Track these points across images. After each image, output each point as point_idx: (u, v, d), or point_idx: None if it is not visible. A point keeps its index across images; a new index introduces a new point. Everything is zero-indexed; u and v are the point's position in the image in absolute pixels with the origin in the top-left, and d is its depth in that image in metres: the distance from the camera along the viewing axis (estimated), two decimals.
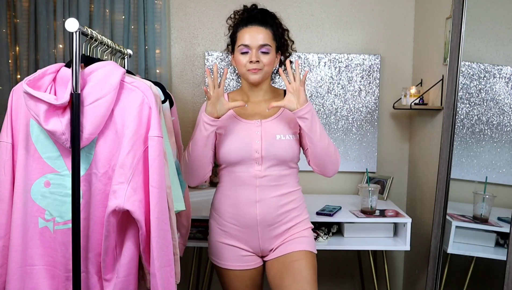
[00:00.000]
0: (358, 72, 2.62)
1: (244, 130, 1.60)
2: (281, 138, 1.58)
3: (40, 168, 1.33)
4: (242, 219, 1.61)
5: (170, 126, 1.64)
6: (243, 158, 1.57)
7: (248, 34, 1.58)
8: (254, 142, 1.57)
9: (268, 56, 1.57)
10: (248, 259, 1.66)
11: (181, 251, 1.80)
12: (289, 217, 1.63)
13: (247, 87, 1.66)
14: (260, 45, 1.56)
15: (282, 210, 1.61)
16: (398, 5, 2.62)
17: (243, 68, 1.59)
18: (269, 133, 1.58)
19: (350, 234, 2.20)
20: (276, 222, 1.61)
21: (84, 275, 1.36)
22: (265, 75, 1.60)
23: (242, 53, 1.58)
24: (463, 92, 1.97)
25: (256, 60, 1.55)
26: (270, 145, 1.57)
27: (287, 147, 1.58)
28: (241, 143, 1.58)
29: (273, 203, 1.60)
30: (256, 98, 1.66)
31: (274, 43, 1.61)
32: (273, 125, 1.60)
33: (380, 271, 2.52)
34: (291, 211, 1.63)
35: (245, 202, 1.60)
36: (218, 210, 1.68)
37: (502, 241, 1.83)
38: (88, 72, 1.31)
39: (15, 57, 2.50)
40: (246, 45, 1.57)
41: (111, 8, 2.50)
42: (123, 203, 1.26)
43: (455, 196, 1.99)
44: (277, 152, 1.57)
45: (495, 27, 1.93)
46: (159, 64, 2.54)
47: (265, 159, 1.57)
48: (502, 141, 1.87)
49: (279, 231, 1.62)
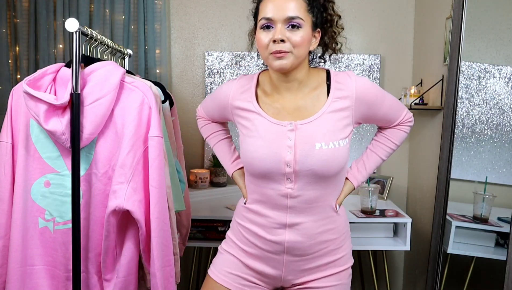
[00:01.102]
0: (358, 72, 2.62)
1: (272, 134, 1.21)
2: (322, 147, 1.17)
3: (40, 168, 1.33)
4: (266, 242, 1.26)
5: (170, 126, 1.64)
6: (269, 171, 1.20)
7: (271, 4, 1.14)
8: (285, 152, 1.18)
9: (299, 33, 1.14)
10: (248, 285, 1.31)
11: (181, 251, 1.80)
12: (326, 249, 1.28)
13: (275, 76, 1.23)
14: (288, 17, 1.13)
15: (318, 239, 1.26)
16: (398, 5, 2.62)
17: (265, 50, 1.16)
18: (306, 141, 1.18)
19: (350, 234, 2.19)
20: (308, 254, 1.26)
21: (84, 275, 1.36)
22: (296, 60, 1.16)
23: (263, 29, 1.16)
24: (463, 92, 1.97)
25: (281, 39, 1.12)
26: (306, 157, 1.17)
27: (331, 159, 1.18)
28: (268, 151, 1.19)
29: (308, 230, 1.24)
30: (288, 90, 1.23)
31: (309, 16, 1.16)
32: (312, 130, 1.19)
33: (380, 271, 2.52)
34: (330, 242, 1.28)
35: (272, 223, 1.25)
36: (239, 223, 1.33)
37: (502, 241, 1.83)
38: (88, 72, 1.31)
39: (15, 57, 2.50)
40: (269, 18, 1.14)
41: (111, 8, 2.50)
42: (123, 203, 1.26)
43: (455, 196, 1.99)
44: (316, 167, 1.18)
45: (495, 27, 1.93)
46: (159, 64, 2.54)
47: (299, 175, 1.19)
48: (502, 141, 1.87)
49: (311, 266, 1.28)
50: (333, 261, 1.30)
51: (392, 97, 1.32)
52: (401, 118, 1.34)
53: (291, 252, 1.25)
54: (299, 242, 1.24)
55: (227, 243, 1.36)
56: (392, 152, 1.39)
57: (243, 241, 1.31)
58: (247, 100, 1.27)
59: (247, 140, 1.24)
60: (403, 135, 1.37)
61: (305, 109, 1.22)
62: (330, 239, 1.28)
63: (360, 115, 1.24)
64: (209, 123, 1.50)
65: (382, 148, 1.38)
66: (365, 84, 1.23)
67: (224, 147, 1.47)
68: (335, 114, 1.20)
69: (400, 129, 1.36)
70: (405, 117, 1.35)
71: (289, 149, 1.18)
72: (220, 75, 2.62)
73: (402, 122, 1.35)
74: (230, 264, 1.32)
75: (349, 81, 1.21)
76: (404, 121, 1.35)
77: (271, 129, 1.21)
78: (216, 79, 2.62)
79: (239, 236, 1.33)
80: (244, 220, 1.31)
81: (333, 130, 1.19)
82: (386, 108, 1.29)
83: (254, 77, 1.30)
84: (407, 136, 1.39)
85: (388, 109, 1.30)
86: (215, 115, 1.44)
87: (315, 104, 1.22)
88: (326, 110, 1.20)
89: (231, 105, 1.31)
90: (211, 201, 2.40)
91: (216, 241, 2.12)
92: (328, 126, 1.19)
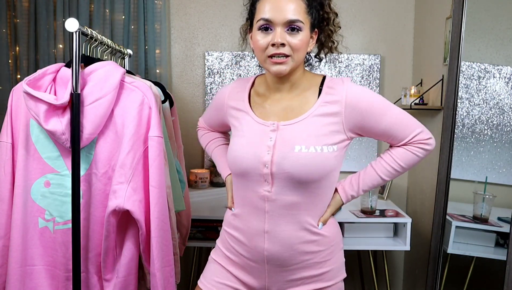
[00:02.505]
0: (358, 72, 2.62)
1: (255, 133, 1.18)
2: (301, 150, 1.11)
3: (40, 168, 1.33)
4: (248, 250, 1.21)
5: (170, 126, 1.64)
6: (248, 171, 1.16)
7: (271, 4, 1.10)
8: (264, 153, 1.14)
9: (299, 36, 1.10)
10: None
11: (181, 251, 1.80)
12: (309, 261, 1.19)
13: (270, 78, 1.20)
14: (288, 21, 1.09)
15: (300, 250, 1.17)
16: (398, 5, 2.62)
17: (262, 53, 1.13)
18: (286, 142, 1.13)
19: (350, 234, 2.19)
20: (290, 265, 1.18)
21: (84, 275, 1.36)
22: (295, 64, 1.13)
23: (261, 30, 1.12)
24: (463, 92, 1.97)
25: (281, 43, 1.09)
26: (283, 159, 1.12)
27: (311, 163, 1.11)
28: (248, 150, 1.17)
29: (287, 240, 1.16)
30: (279, 91, 1.21)
31: (308, 18, 1.13)
32: (294, 131, 1.14)
33: (380, 271, 2.51)
34: (313, 254, 1.19)
35: (252, 230, 1.20)
36: (225, 229, 1.31)
37: (502, 241, 1.83)
38: (88, 72, 1.31)
39: (15, 57, 2.50)
40: (268, 20, 1.09)
41: (111, 8, 2.50)
42: (123, 203, 1.26)
43: (455, 196, 1.99)
44: (292, 170, 1.11)
45: (495, 27, 1.93)
46: (159, 64, 2.54)
47: (276, 178, 1.14)
48: (502, 141, 1.87)
49: (294, 277, 1.20)
50: (319, 275, 1.19)
51: (400, 112, 1.19)
52: (409, 137, 1.18)
53: (271, 262, 1.19)
54: (278, 252, 1.17)
55: (216, 251, 1.33)
56: (396, 173, 1.22)
57: (229, 249, 1.27)
58: (240, 100, 1.26)
59: (233, 139, 1.23)
60: (413, 158, 1.20)
61: (291, 110, 1.18)
62: (313, 251, 1.18)
63: (353, 124, 1.15)
64: (208, 132, 1.49)
65: (384, 166, 1.22)
66: (358, 91, 1.15)
67: (221, 152, 1.44)
68: (321, 118, 1.14)
69: (409, 150, 1.20)
70: (417, 137, 1.19)
71: (268, 149, 1.14)
72: (220, 75, 2.62)
73: (411, 142, 1.19)
74: (218, 273, 1.28)
75: (341, 87, 1.15)
76: (415, 141, 1.19)
77: (255, 129, 1.19)
78: (216, 79, 2.62)
79: (225, 244, 1.29)
80: (229, 227, 1.27)
81: (316, 134, 1.13)
82: (388, 122, 1.16)
83: (251, 79, 1.30)
84: (418, 161, 1.21)
85: (390, 124, 1.17)
86: (214, 122, 1.44)
87: (303, 106, 1.17)
88: (313, 113, 1.15)
89: (226, 105, 1.29)
90: (211, 201, 2.40)
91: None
92: (311, 130, 1.13)
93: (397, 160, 1.21)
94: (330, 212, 1.21)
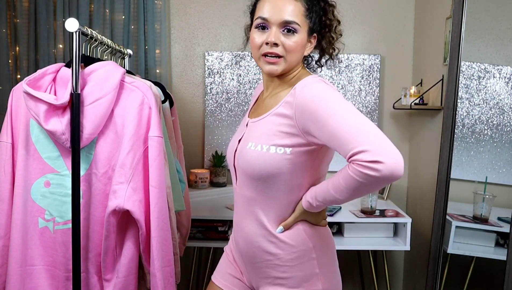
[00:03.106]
0: (358, 72, 2.62)
1: (239, 128, 1.27)
2: (250, 148, 1.12)
3: (40, 168, 1.33)
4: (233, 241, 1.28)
5: (170, 126, 1.64)
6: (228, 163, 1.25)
7: (269, 4, 1.11)
8: (235, 146, 1.21)
9: (293, 38, 1.10)
10: (235, 283, 1.29)
11: (181, 251, 1.80)
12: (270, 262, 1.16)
13: (264, 76, 1.22)
14: (284, 21, 1.09)
15: (261, 247, 1.16)
16: (398, 5, 2.62)
17: (256, 51, 1.14)
18: (246, 138, 1.17)
19: (350, 234, 2.19)
20: (257, 261, 1.18)
21: (84, 275, 1.36)
22: (288, 66, 1.14)
23: (258, 28, 1.13)
24: (463, 92, 1.97)
25: (274, 42, 1.09)
26: (239, 154, 1.17)
27: (255, 161, 1.10)
28: (230, 143, 1.25)
29: (248, 235, 1.17)
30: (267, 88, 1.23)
31: (305, 21, 1.12)
32: (254, 128, 1.17)
33: (380, 271, 2.51)
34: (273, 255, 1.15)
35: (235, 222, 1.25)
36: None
37: (502, 241, 1.83)
38: (88, 72, 1.31)
39: (15, 57, 2.50)
40: (265, 19, 1.11)
41: (111, 8, 2.50)
42: (123, 203, 1.26)
43: (455, 196, 1.99)
44: (243, 165, 1.15)
45: (495, 27, 1.93)
46: (159, 64, 2.54)
47: (237, 171, 1.19)
48: (502, 141, 1.87)
49: (263, 275, 1.18)
50: (283, 278, 1.14)
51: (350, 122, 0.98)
52: (348, 153, 0.96)
53: (244, 256, 1.21)
54: (244, 247, 1.19)
55: (228, 242, 1.36)
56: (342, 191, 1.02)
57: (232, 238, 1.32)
58: (255, 97, 1.33)
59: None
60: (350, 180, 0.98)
61: (265, 107, 1.18)
62: (272, 253, 1.14)
63: (305, 129, 1.05)
64: None
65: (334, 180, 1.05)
66: (308, 95, 1.05)
67: None
68: (276, 118, 1.11)
69: (348, 169, 0.98)
70: (356, 157, 0.94)
71: (237, 143, 1.20)
72: (220, 75, 2.62)
73: (351, 161, 0.96)
74: (223, 263, 1.33)
75: (298, 87, 1.08)
76: (354, 161, 0.95)
77: (241, 124, 1.26)
78: (216, 79, 2.62)
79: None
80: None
81: (268, 133, 1.10)
82: (329, 130, 0.99)
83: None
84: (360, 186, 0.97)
85: (330, 135, 0.99)
86: None
87: (272, 104, 1.16)
88: (272, 112, 1.12)
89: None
90: (211, 201, 2.40)
91: (216, 241, 2.12)
92: (265, 129, 1.12)
93: (340, 178, 1.02)
94: (292, 217, 1.14)
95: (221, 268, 1.32)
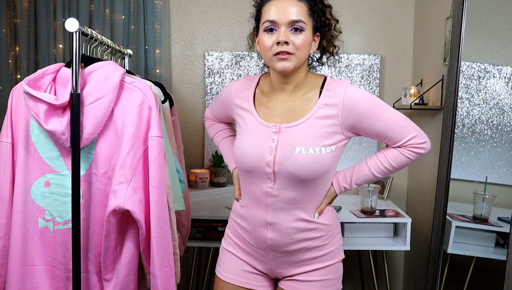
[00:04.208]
0: (358, 72, 2.62)
1: (258, 134, 1.27)
2: (301, 152, 1.20)
3: (40, 168, 1.33)
4: (253, 238, 1.34)
5: (170, 126, 1.64)
6: (253, 169, 1.27)
7: (275, 7, 1.20)
8: (267, 153, 1.24)
9: (301, 36, 1.19)
10: (253, 278, 1.38)
11: (181, 251, 1.80)
12: (309, 246, 1.31)
13: (275, 77, 1.28)
14: (291, 21, 1.18)
15: (299, 237, 1.29)
16: (398, 5, 2.62)
17: (268, 52, 1.21)
18: (288, 144, 1.22)
19: (350, 234, 2.20)
20: (291, 251, 1.31)
21: (84, 275, 1.36)
22: (298, 63, 1.21)
23: (266, 32, 1.21)
24: (463, 92, 1.97)
25: (285, 41, 1.17)
26: (285, 159, 1.22)
27: (309, 164, 1.20)
28: (252, 150, 1.26)
29: (287, 229, 1.29)
30: (283, 93, 1.29)
31: (310, 20, 1.22)
32: (295, 134, 1.23)
33: (380, 271, 2.52)
34: (311, 241, 1.30)
35: (256, 220, 1.31)
36: (233, 217, 1.42)
37: (502, 241, 1.83)
38: (88, 72, 1.31)
39: (15, 57, 2.50)
40: (273, 21, 1.19)
41: (111, 8, 2.50)
42: (123, 203, 1.26)
43: (455, 196, 1.99)
44: (293, 170, 1.21)
45: (495, 27, 1.93)
46: (159, 64, 2.54)
47: (278, 176, 1.24)
48: (502, 141, 1.87)
49: (296, 260, 1.32)
50: (319, 257, 1.32)
51: (396, 115, 1.26)
52: (404, 140, 1.25)
53: (274, 249, 1.31)
54: (279, 240, 1.29)
55: (225, 240, 1.44)
56: (387, 172, 1.31)
57: (237, 236, 1.39)
58: (245, 99, 1.35)
59: (239, 136, 1.33)
60: (404, 160, 1.28)
61: (294, 111, 1.26)
62: (311, 238, 1.30)
63: (349, 125, 1.24)
64: (215, 123, 1.59)
65: (377, 164, 1.31)
66: (356, 93, 1.23)
67: (228, 144, 1.54)
68: (320, 120, 1.23)
69: (402, 153, 1.27)
70: (411, 141, 1.26)
71: (270, 150, 1.23)
72: (220, 75, 2.62)
73: (405, 145, 1.26)
74: (233, 262, 1.39)
75: (339, 89, 1.23)
76: (409, 145, 1.26)
77: (258, 129, 1.28)
78: (216, 79, 2.62)
79: (234, 232, 1.40)
80: (237, 217, 1.39)
81: (315, 136, 1.22)
82: (383, 124, 1.24)
83: (256, 78, 1.37)
84: (410, 163, 1.29)
85: (385, 126, 1.24)
86: (220, 115, 1.53)
87: (304, 108, 1.26)
88: (313, 115, 1.23)
89: (232, 103, 1.38)
90: (211, 201, 2.40)
91: (216, 241, 2.12)
92: (311, 132, 1.22)
93: (390, 161, 1.29)
94: (325, 203, 1.32)
95: (230, 266, 1.39)
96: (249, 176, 1.30)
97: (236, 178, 1.45)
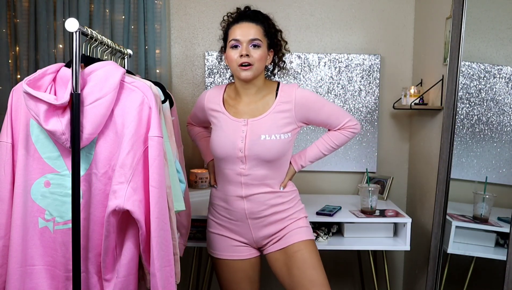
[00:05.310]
0: (358, 72, 2.62)
1: (230, 128, 1.63)
2: (265, 138, 1.59)
3: (40, 168, 1.33)
4: (232, 212, 1.69)
5: (170, 126, 1.64)
6: (227, 155, 1.62)
7: (239, 30, 1.59)
8: (239, 141, 1.61)
9: (258, 51, 1.58)
10: (240, 249, 1.72)
11: (181, 251, 1.80)
12: (279, 209, 1.68)
13: (239, 84, 1.66)
14: (251, 39, 1.57)
15: (270, 203, 1.67)
16: (398, 5, 2.62)
17: (234, 63, 1.59)
18: (254, 133, 1.60)
19: (350, 234, 2.20)
20: (266, 215, 1.67)
21: (84, 275, 1.36)
22: (256, 72, 1.60)
23: (232, 48, 1.59)
24: (463, 92, 1.97)
25: (246, 54, 1.56)
26: (253, 145, 1.59)
27: (272, 147, 1.60)
28: (226, 140, 1.62)
29: (260, 198, 1.65)
30: (247, 96, 1.67)
31: (265, 39, 1.62)
32: (260, 125, 1.61)
33: (380, 271, 2.52)
34: (281, 204, 1.68)
35: (233, 196, 1.67)
36: (212, 203, 1.77)
37: (502, 241, 1.83)
38: (88, 72, 1.31)
39: (15, 57, 2.50)
40: (237, 40, 1.58)
41: (111, 8, 2.50)
42: (123, 203, 1.26)
43: (455, 196, 1.99)
44: (260, 153, 1.60)
45: (495, 27, 1.93)
46: (159, 64, 2.54)
47: (248, 159, 1.61)
48: (502, 141, 1.87)
49: (271, 221, 1.68)
50: (287, 216, 1.69)
51: (334, 107, 1.70)
52: (341, 124, 1.69)
53: (252, 216, 1.67)
54: (255, 208, 1.66)
55: (210, 224, 1.78)
56: (332, 149, 1.74)
57: (218, 217, 1.74)
58: (216, 103, 1.71)
59: (214, 132, 1.69)
60: (343, 138, 1.71)
61: (257, 109, 1.65)
62: (279, 203, 1.68)
63: (301, 116, 1.65)
64: (195, 127, 1.95)
65: (323, 144, 1.73)
66: (304, 93, 1.65)
67: (205, 143, 1.89)
68: (278, 114, 1.63)
69: (341, 133, 1.71)
70: (347, 124, 1.69)
71: (242, 138, 1.61)
72: (220, 75, 2.62)
73: (343, 128, 1.70)
74: (220, 241, 1.73)
75: (291, 91, 1.64)
76: (346, 127, 1.70)
77: (230, 124, 1.64)
78: (216, 79, 2.62)
79: (214, 215, 1.76)
80: (215, 200, 1.75)
81: (276, 126, 1.61)
82: (325, 114, 1.67)
83: (223, 87, 1.75)
84: (347, 140, 1.72)
85: (327, 115, 1.67)
86: (198, 120, 1.87)
87: (265, 106, 1.65)
88: (272, 110, 1.63)
89: (206, 107, 1.74)
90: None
91: None
92: (272, 123, 1.61)
93: (333, 140, 1.72)
94: (287, 179, 1.72)
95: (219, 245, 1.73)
96: (224, 162, 1.65)
97: (211, 168, 1.81)
